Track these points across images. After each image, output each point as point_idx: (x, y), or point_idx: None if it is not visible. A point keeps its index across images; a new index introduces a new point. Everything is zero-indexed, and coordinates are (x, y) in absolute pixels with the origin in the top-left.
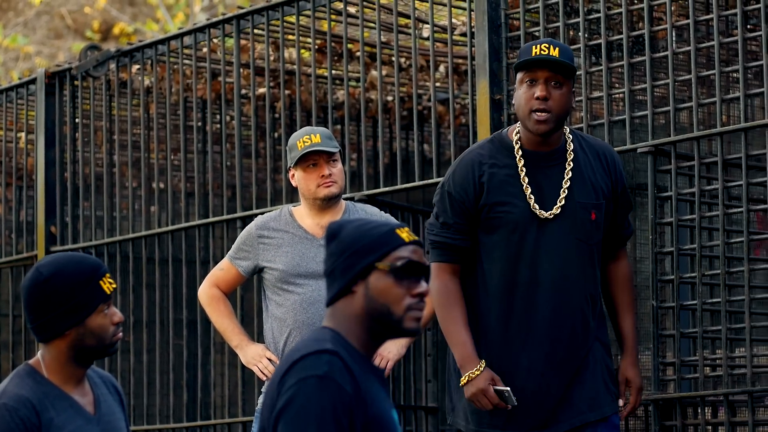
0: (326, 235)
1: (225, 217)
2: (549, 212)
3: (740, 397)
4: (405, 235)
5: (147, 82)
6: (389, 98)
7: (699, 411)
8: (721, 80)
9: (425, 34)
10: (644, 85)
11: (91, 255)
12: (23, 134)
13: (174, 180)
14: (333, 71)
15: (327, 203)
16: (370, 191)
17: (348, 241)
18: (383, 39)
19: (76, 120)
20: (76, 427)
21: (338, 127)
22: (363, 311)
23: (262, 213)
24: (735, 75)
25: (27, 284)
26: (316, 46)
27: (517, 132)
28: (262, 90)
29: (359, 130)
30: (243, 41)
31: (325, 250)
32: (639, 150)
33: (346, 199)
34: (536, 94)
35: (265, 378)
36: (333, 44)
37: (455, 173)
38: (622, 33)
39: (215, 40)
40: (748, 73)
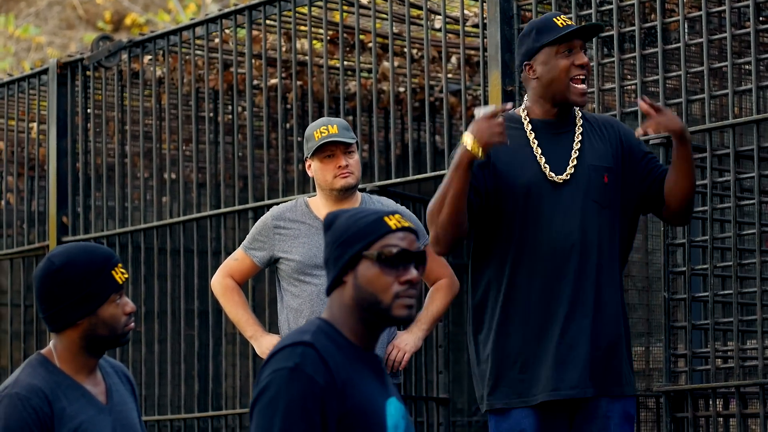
0: (323, 225)
1: (236, 207)
2: (561, 176)
3: (752, 389)
4: (393, 222)
5: (159, 72)
6: (401, 89)
7: (710, 403)
8: (733, 72)
9: (437, 25)
10: (656, 77)
11: (102, 245)
12: (35, 124)
13: (186, 171)
14: (345, 62)
15: (343, 194)
16: (381, 182)
17: (339, 231)
18: (395, 30)
19: (88, 110)
20: (88, 417)
21: (350, 118)
22: (353, 301)
23: (274, 204)
24: (747, 67)
25: (39, 274)
26: (328, 37)
27: (524, 107)
28: (273, 81)
29: (371, 121)
30: (255, 32)
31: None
32: (651, 141)
33: (358, 190)
34: (576, 62)
35: None
36: (345, 35)
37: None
38: (634, 24)
39: (227, 31)
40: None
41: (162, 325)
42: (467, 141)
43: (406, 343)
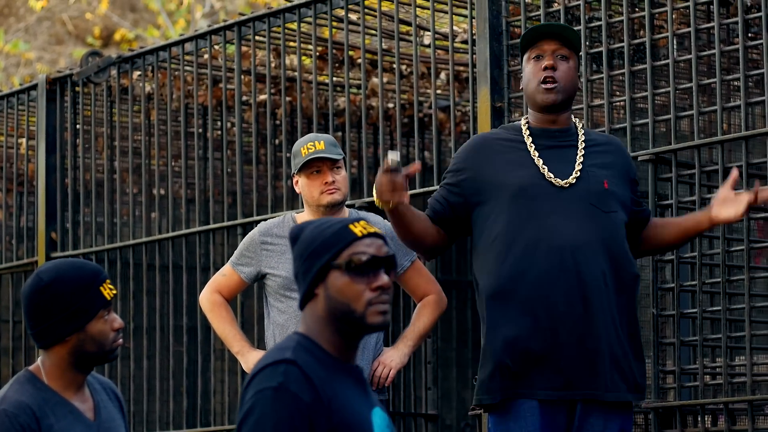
0: (290, 239)
1: (225, 223)
2: (565, 180)
3: (740, 405)
4: (359, 229)
5: (148, 88)
6: (390, 105)
7: (699, 419)
8: (722, 88)
9: (426, 41)
10: (645, 93)
11: (91, 261)
12: (24, 140)
13: (175, 186)
14: (334, 78)
15: (330, 210)
16: (370, 198)
17: (305, 244)
18: (384, 46)
19: (77, 126)
20: None
21: (339, 134)
22: (326, 313)
23: (263, 220)
24: (736, 83)
25: (27, 290)
26: (318, 53)
27: (526, 118)
28: (263, 97)
29: (360, 137)
30: (244, 48)
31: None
32: (640, 158)
33: (347, 206)
34: (543, 65)
35: None
36: (334, 51)
37: (464, 147)
38: (623, 41)
39: (216, 47)
40: (749, 81)
41: (151, 341)
42: (374, 193)
43: (392, 359)
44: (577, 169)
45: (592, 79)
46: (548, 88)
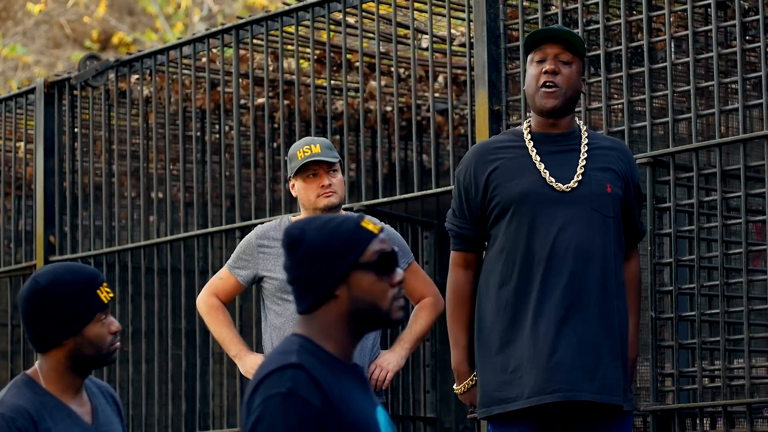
0: (287, 242)
1: (224, 227)
2: (566, 185)
3: (739, 408)
4: (371, 226)
5: (146, 92)
6: (388, 108)
7: (697, 422)
8: (719, 91)
9: (424, 44)
10: (643, 96)
11: (89, 264)
12: (22, 144)
13: (173, 190)
14: (332, 81)
15: (327, 213)
16: (368, 201)
17: (318, 246)
18: (382, 49)
19: (75, 130)
20: None
21: (337, 137)
22: (348, 313)
23: (261, 223)
24: (734, 86)
25: (24, 294)
26: (315, 57)
27: (528, 122)
28: (261, 100)
29: (358, 140)
30: (242, 51)
31: (288, 258)
32: (638, 161)
33: (345, 209)
34: (544, 69)
35: None
36: (332, 54)
37: (465, 158)
38: (620, 44)
39: (214, 50)
40: (747, 84)
41: (149, 344)
42: (459, 388)
43: (389, 362)
44: (579, 173)
45: (590, 82)
46: (548, 92)
